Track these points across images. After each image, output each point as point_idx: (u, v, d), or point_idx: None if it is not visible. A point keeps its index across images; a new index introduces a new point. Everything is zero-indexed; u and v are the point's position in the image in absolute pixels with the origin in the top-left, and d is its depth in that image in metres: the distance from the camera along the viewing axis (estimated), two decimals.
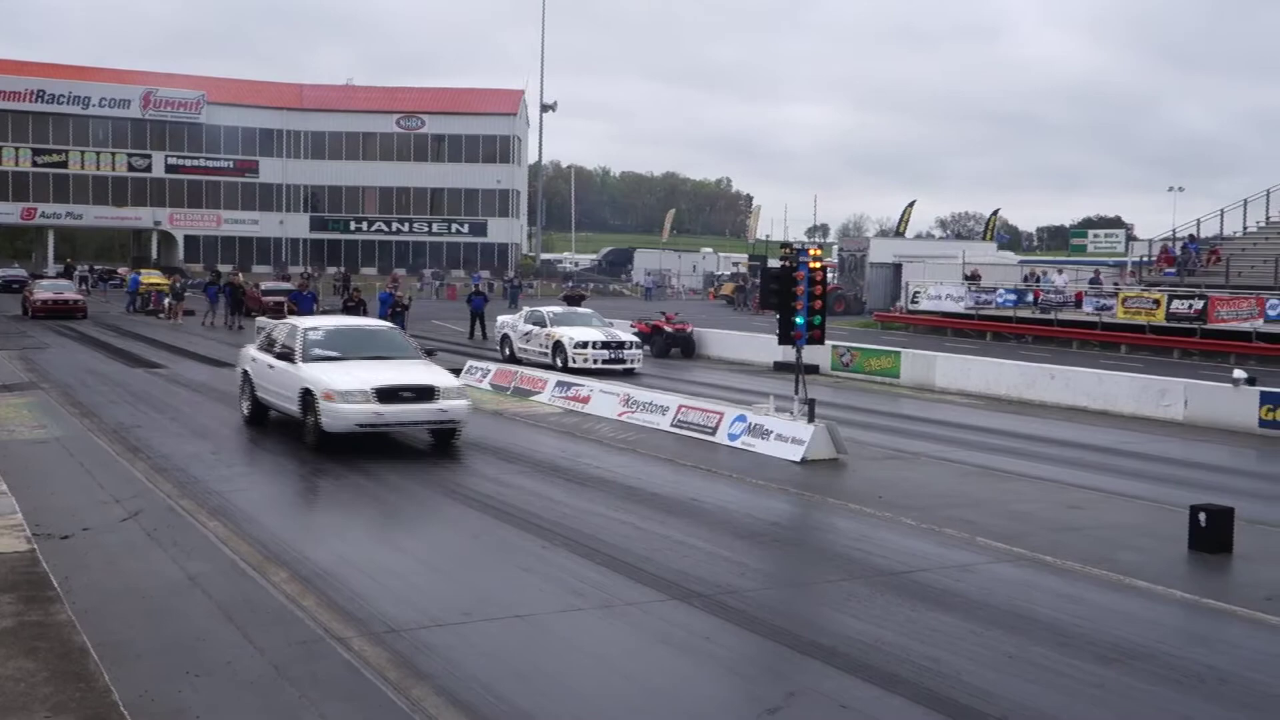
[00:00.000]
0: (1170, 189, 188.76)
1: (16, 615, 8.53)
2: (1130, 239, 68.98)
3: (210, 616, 8.91)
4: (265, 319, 37.38)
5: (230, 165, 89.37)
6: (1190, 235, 46.22)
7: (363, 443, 16.01)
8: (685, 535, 12.00)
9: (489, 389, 24.57)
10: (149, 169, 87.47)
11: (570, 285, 70.51)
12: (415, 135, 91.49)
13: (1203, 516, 11.70)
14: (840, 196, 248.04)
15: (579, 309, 33.42)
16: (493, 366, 26.01)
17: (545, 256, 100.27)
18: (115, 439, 17.12)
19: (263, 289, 49.40)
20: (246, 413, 18.46)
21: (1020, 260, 71.60)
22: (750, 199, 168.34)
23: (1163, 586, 10.41)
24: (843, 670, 8.04)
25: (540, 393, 23.09)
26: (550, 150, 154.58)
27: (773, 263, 26.60)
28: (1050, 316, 42.97)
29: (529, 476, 15.23)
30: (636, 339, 30.24)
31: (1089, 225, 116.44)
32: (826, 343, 21.31)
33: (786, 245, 17.86)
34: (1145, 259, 48.08)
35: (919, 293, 50.17)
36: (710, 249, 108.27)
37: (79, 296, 48.29)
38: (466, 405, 16.71)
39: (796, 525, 13.72)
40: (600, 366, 27.88)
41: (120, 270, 70.24)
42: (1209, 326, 36.56)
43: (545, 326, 29.73)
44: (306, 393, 15.95)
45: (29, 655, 7.70)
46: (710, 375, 29.34)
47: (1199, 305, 37.15)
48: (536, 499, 13.69)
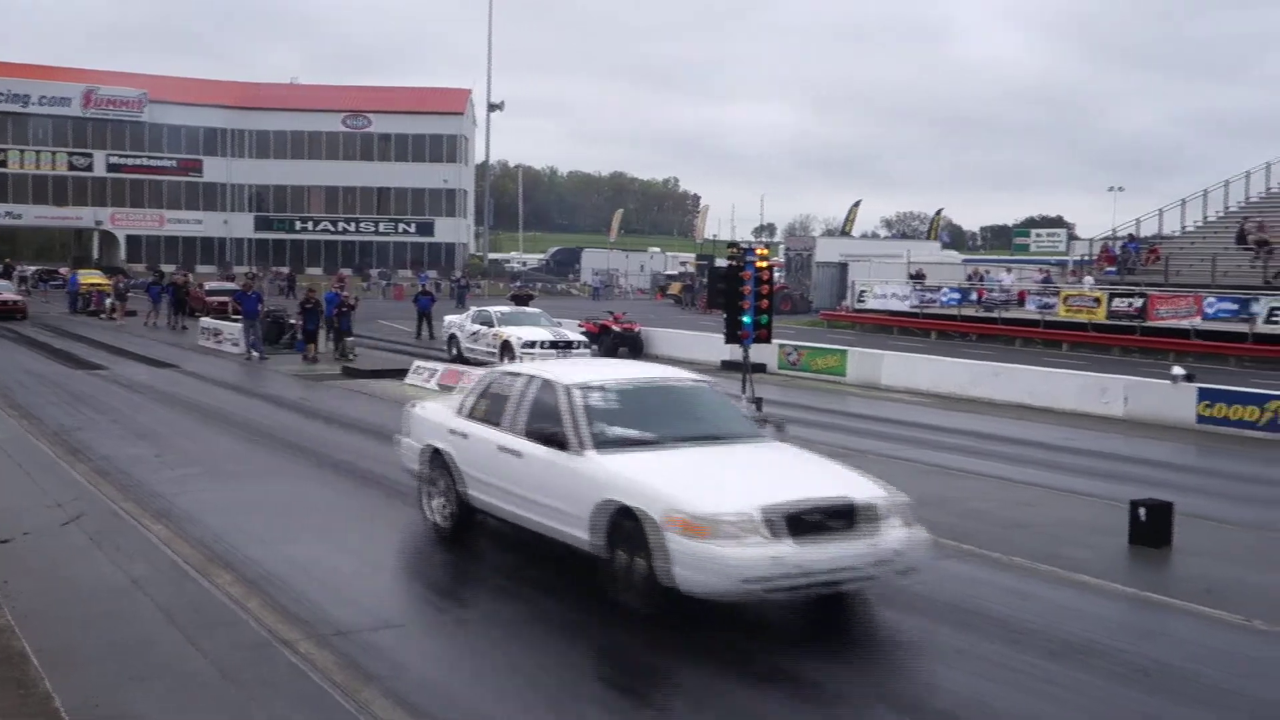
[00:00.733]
0: (1111, 189, 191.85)
1: None
2: (1072, 238, 69.83)
3: (153, 620, 8.79)
4: (210, 319, 37.16)
5: (173, 164, 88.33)
6: (1130, 235, 46.88)
7: (305, 443, 15.83)
8: None
9: (436, 389, 24.42)
10: (90, 168, 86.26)
11: (518, 285, 70.26)
12: (361, 134, 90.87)
13: (1143, 511, 11.86)
14: (787, 196, 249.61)
15: (527, 309, 33.35)
16: (440, 366, 25.88)
17: (493, 256, 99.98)
18: (56, 441, 16.86)
19: (207, 289, 48.91)
20: (442, 519, 11.23)
21: (964, 259, 72.33)
22: (698, 198, 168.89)
23: (1107, 581, 10.54)
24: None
25: None
26: (498, 150, 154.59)
27: (720, 262, 26.70)
28: (994, 315, 43.43)
29: None
30: (584, 339, 30.23)
31: (1031, 225, 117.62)
32: (773, 342, 21.46)
33: (734, 245, 17.92)
34: (1086, 258, 48.71)
35: (865, 292, 50.54)
36: (658, 248, 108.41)
37: (19, 297, 47.68)
38: (922, 538, 9.14)
39: None
40: None
41: (61, 270, 69.20)
42: (1148, 324, 37.10)
43: (493, 326, 29.63)
44: (621, 513, 8.76)
45: None
46: None
47: (1138, 304, 37.69)
48: None
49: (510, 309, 32.74)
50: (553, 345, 28.56)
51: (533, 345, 28.31)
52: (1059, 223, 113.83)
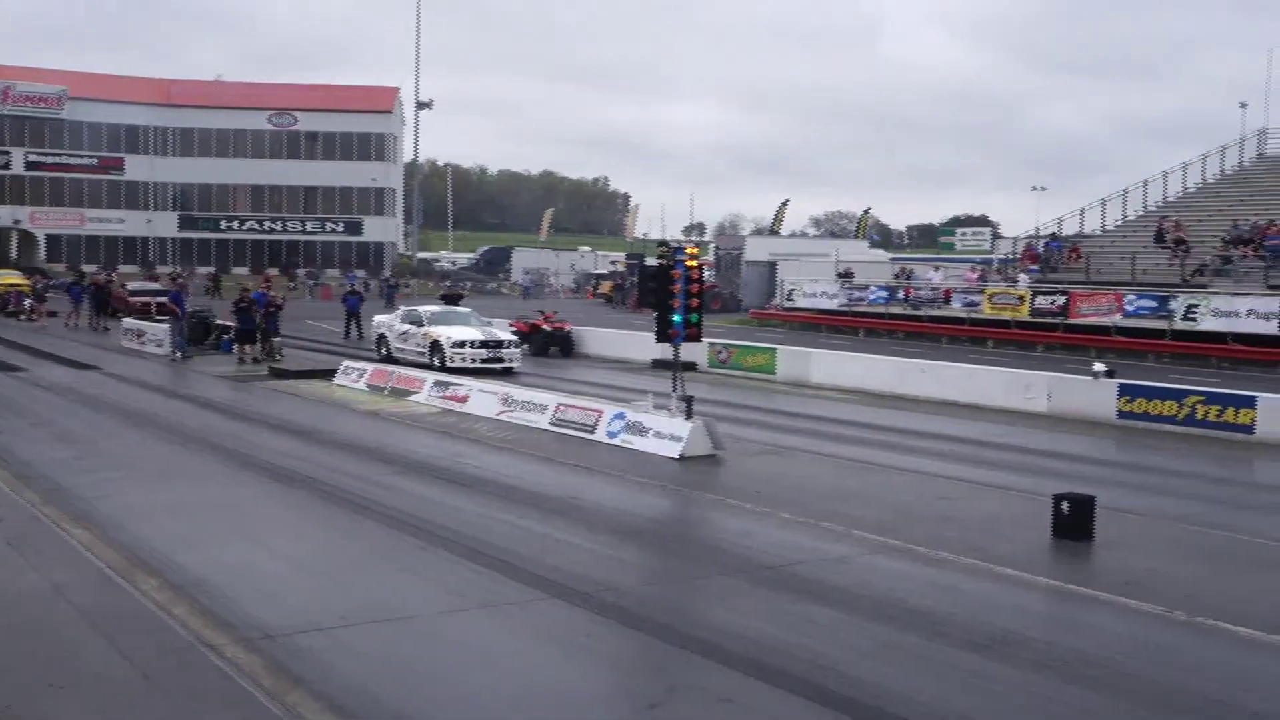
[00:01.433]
0: (1034, 188, 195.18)
1: None
2: (996, 237, 70.97)
3: (76, 627, 8.65)
4: (133, 320, 36.55)
5: (94, 162, 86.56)
6: (1053, 234, 47.64)
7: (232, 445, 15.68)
8: (565, 533, 12.00)
9: (365, 389, 24.28)
10: (8, 166, 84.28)
11: (448, 284, 69.83)
12: (288, 133, 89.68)
13: (1066, 505, 12.09)
14: (716, 195, 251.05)
15: (457, 308, 33.17)
16: (369, 366, 25.70)
17: (422, 255, 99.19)
18: None
19: (130, 289, 48.10)
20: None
21: (892, 258, 73.05)
22: (628, 198, 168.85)
23: (1030, 574, 10.73)
24: (722, 664, 8.12)
25: (417, 392, 22.88)
26: (428, 148, 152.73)
27: (651, 261, 26.74)
28: (921, 313, 43.91)
29: (406, 477, 15.08)
30: (515, 338, 30.14)
31: (957, 224, 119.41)
32: (704, 340, 21.50)
33: (664, 244, 17.96)
34: (1010, 256, 49.41)
35: (794, 290, 50.86)
36: (588, 247, 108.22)
37: None
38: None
39: (675, 521, 13.82)
40: (478, 366, 27.73)
41: None
42: (1070, 322, 37.70)
43: (422, 326, 29.44)
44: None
45: None
46: (589, 373, 29.37)
47: (1061, 301, 38.31)
48: (414, 499, 13.57)
49: (440, 308, 32.55)
50: (483, 345, 28.45)
51: (463, 345, 28.18)
52: (984, 222, 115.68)
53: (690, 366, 25.87)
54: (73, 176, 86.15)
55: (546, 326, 34.31)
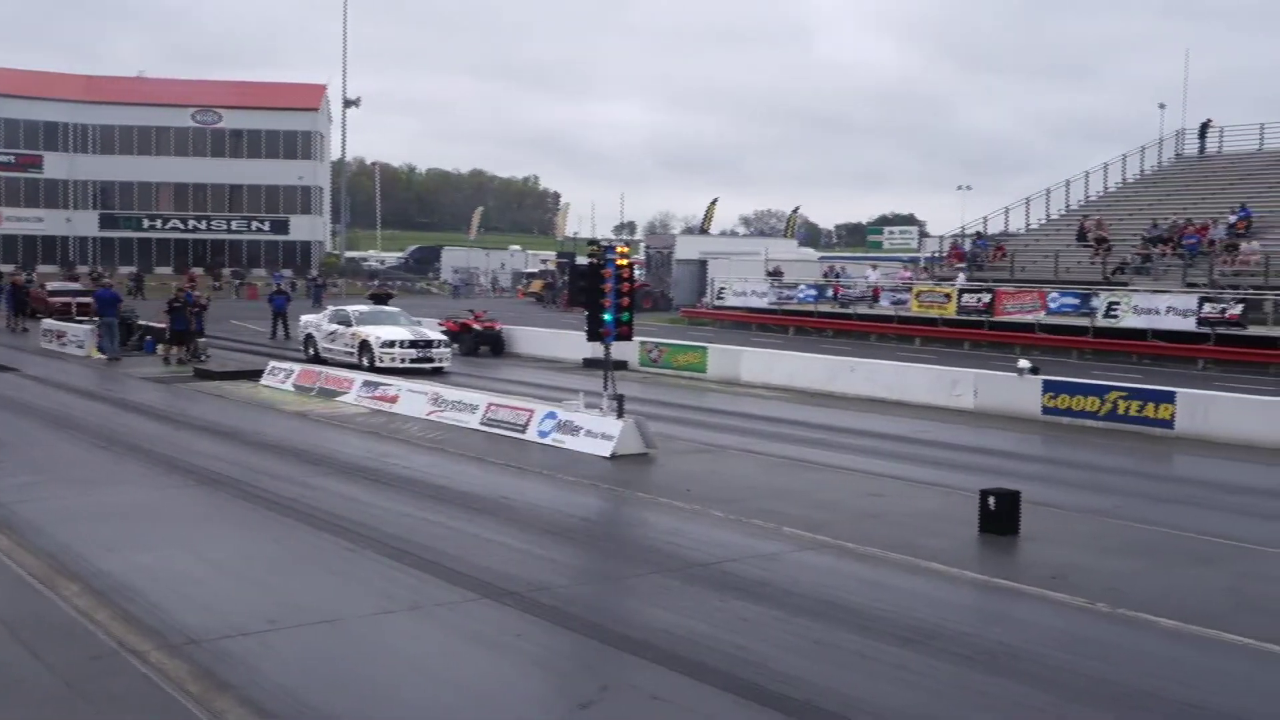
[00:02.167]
0: (959, 187, 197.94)
1: None
2: (923, 235, 71.72)
3: None
4: (52, 320, 35.81)
5: (11, 160, 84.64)
6: (978, 232, 48.31)
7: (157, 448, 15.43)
8: (496, 533, 11.95)
9: (292, 390, 24.00)
10: None
11: (376, 284, 69.20)
12: (212, 130, 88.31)
13: (992, 500, 12.25)
14: (647, 194, 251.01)
15: (386, 308, 32.91)
16: (296, 367, 25.41)
17: (350, 254, 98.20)
18: None
19: (49, 289, 47.15)
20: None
21: (821, 256, 73.59)
22: (558, 196, 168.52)
23: (957, 569, 10.86)
24: (654, 662, 8.12)
25: (346, 393, 22.66)
26: (355, 147, 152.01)
27: (581, 260, 26.73)
28: (850, 311, 44.28)
29: (334, 478, 14.93)
30: (445, 338, 29.98)
31: (885, 222, 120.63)
32: (635, 339, 21.53)
33: (594, 243, 17.94)
34: (937, 255, 50.01)
35: (724, 289, 51.08)
36: (519, 246, 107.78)
37: None
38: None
39: (607, 520, 13.81)
40: (408, 366, 27.54)
41: None
42: (996, 319, 38.25)
43: (351, 326, 29.16)
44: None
45: None
46: (520, 373, 29.28)
47: (987, 299, 38.85)
48: (342, 501, 13.44)
49: (369, 308, 32.26)
50: (413, 344, 28.26)
51: (392, 344, 27.97)
52: (911, 221, 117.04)
53: (621, 365, 25.89)
54: None
55: (476, 326, 34.17)
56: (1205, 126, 49.97)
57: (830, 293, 46.10)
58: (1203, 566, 11.42)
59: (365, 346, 28.16)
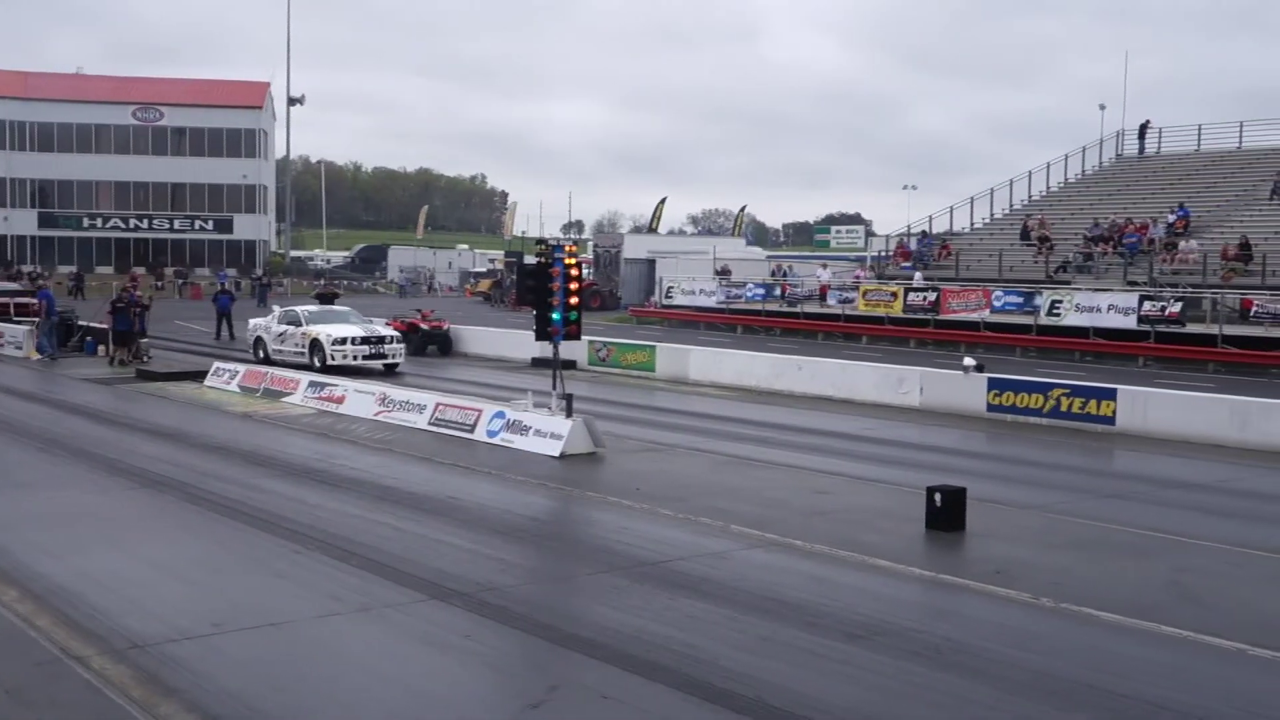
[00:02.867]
0: (905, 187, 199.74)
1: None
2: (869, 235, 72.29)
3: None
4: None
5: None
6: (924, 231, 48.74)
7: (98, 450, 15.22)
8: (444, 534, 11.91)
9: (237, 391, 23.78)
10: None
11: (322, 283, 68.68)
12: (154, 128, 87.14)
13: (938, 497, 12.38)
14: (594, 193, 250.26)
15: (334, 307, 32.70)
16: (241, 368, 25.16)
17: (295, 254, 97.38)
18: None
19: None
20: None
21: (768, 255, 73.89)
22: (506, 195, 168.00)
23: (904, 565, 10.96)
24: (604, 661, 8.14)
25: (292, 394, 22.48)
26: (300, 145, 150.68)
27: (529, 259, 26.68)
28: (797, 310, 44.50)
29: (280, 479, 14.81)
30: (398, 334, 29.81)
31: (831, 222, 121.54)
32: (583, 338, 21.50)
33: (542, 242, 17.90)
34: (883, 254, 50.39)
35: (673, 288, 51.17)
36: (466, 245, 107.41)
37: None
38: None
39: (556, 520, 13.81)
40: (361, 363, 27.41)
41: None
42: (941, 317, 38.60)
43: (301, 325, 28.91)
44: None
45: None
46: (468, 372, 29.18)
47: (932, 297, 39.19)
48: (288, 502, 13.34)
49: (318, 308, 32.04)
50: (365, 341, 28.11)
51: (344, 342, 27.78)
52: (858, 220, 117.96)
53: (570, 365, 25.86)
54: None
55: (424, 325, 34.01)
56: (1144, 127, 50.81)
57: (778, 291, 46.30)
58: (1143, 560, 11.60)
59: (316, 345, 27.93)
